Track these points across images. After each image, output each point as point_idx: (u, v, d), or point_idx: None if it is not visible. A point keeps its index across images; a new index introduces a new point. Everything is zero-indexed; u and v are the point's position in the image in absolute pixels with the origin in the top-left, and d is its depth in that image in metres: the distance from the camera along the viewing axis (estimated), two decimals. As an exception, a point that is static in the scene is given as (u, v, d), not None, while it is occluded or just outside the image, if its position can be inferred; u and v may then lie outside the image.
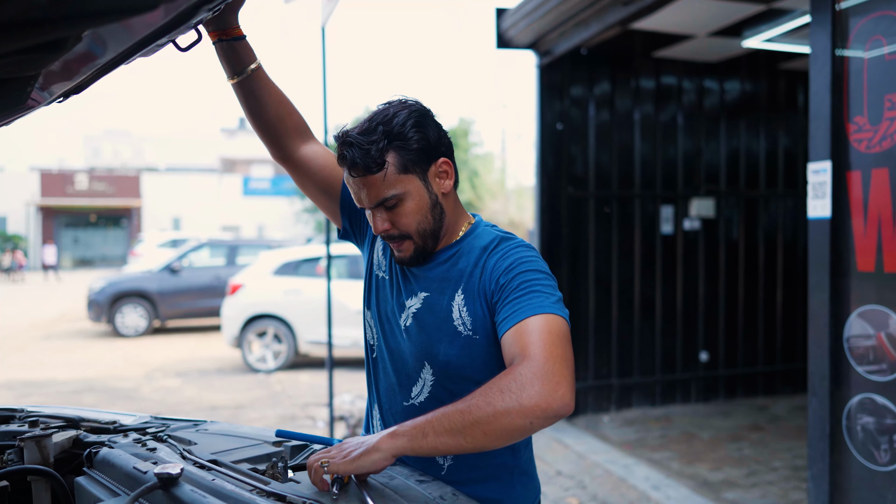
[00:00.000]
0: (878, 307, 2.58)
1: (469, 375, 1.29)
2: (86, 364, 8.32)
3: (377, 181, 1.24)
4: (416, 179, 1.27)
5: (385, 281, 1.42)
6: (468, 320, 1.28)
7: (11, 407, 1.67)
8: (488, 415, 1.05)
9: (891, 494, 2.54)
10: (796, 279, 6.06)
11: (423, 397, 1.34)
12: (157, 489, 1.11)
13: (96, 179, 30.81)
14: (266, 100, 1.43)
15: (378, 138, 1.22)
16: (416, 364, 1.34)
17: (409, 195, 1.26)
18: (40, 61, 0.97)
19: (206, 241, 12.38)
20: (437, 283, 1.33)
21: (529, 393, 1.05)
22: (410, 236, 1.29)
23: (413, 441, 1.07)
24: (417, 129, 1.26)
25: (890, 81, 2.51)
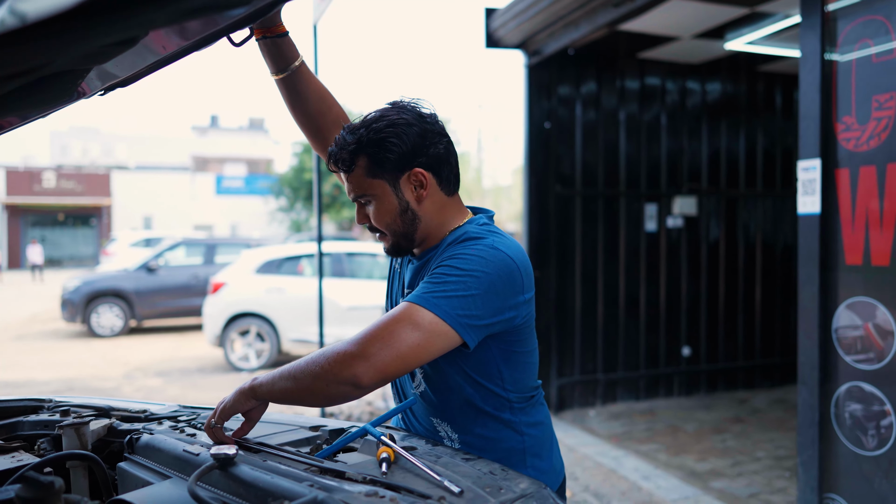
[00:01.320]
0: (866, 299, 2.69)
1: (441, 366, 1.34)
2: (64, 364, 8.18)
3: (352, 179, 1.33)
4: (386, 185, 1.32)
5: (396, 272, 1.51)
6: None
7: (39, 397, 1.67)
8: (302, 371, 1.19)
9: (878, 478, 2.66)
10: (775, 276, 6.24)
11: (422, 387, 1.41)
12: (214, 469, 1.14)
13: (64, 177, 30.19)
14: (308, 95, 1.47)
15: (354, 141, 1.30)
16: None
17: (376, 198, 1.33)
18: (111, 55, 0.99)
19: (181, 240, 12.23)
20: (415, 279, 1.40)
21: (330, 361, 1.17)
22: (385, 233, 1.37)
23: (261, 387, 1.23)
24: (396, 137, 1.29)
25: (877, 82, 2.62)
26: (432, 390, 1.39)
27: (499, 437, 1.39)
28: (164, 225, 29.89)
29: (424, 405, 1.42)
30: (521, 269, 1.30)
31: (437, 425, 1.42)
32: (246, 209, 32.02)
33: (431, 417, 1.42)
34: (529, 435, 1.42)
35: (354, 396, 1.20)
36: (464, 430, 1.39)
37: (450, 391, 1.37)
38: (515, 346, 1.36)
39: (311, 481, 1.06)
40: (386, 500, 1.00)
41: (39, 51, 0.81)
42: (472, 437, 1.39)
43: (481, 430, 1.38)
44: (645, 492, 3.82)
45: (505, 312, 1.27)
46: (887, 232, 2.60)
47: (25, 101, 1.12)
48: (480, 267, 1.24)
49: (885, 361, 2.61)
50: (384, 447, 1.20)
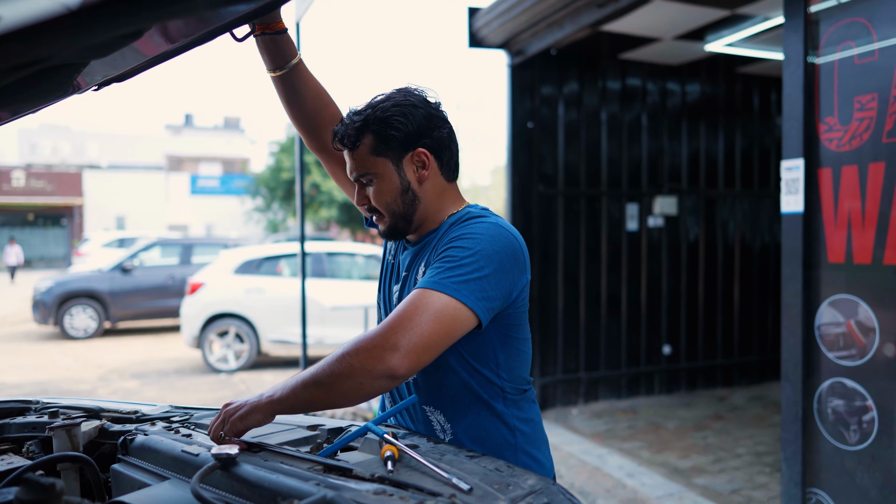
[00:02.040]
0: (848, 296, 2.74)
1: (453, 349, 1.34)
2: (36, 367, 8.00)
3: (356, 157, 1.34)
4: (389, 163, 1.34)
5: (389, 264, 1.51)
6: None
7: (25, 399, 1.63)
8: (329, 380, 1.15)
9: (860, 472, 2.71)
10: (752, 275, 6.33)
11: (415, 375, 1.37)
12: (216, 469, 1.12)
13: (34, 177, 29.56)
14: (305, 93, 1.46)
15: (360, 119, 1.32)
16: None
17: (379, 176, 1.34)
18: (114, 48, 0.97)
19: (156, 240, 12.04)
20: (414, 261, 1.40)
21: (360, 358, 1.14)
22: (383, 214, 1.37)
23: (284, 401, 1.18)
24: (402, 117, 1.32)
25: (859, 84, 2.67)
26: (425, 376, 1.38)
27: (492, 429, 1.39)
28: (138, 225, 29.45)
29: (418, 393, 1.41)
30: (524, 249, 1.33)
31: (430, 414, 1.41)
32: (221, 209, 31.68)
33: (424, 406, 1.41)
34: (521, 431, 1.43)
35: (389, 389, 1.20)
36: (456, 418, 1.39)
37: (444, 376, 1.36)
38: (512, 332, 1.37)
39: (317, 480, 1.05)
40: (395, 498, 0.99)
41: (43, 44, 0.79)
42: (464, 426, 1.38)
43: (474, 419, 1.37)
44: (629, 489, 3.85)
45: (513, 292, 1.29)
46: (869, 230, 2.65)
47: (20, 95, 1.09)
48: (490, 246, 1.25)
49: (867, 358, 2.65)
50: (388, 445, 1.18)
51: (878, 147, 2.59)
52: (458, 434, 1.39)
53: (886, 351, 2.60)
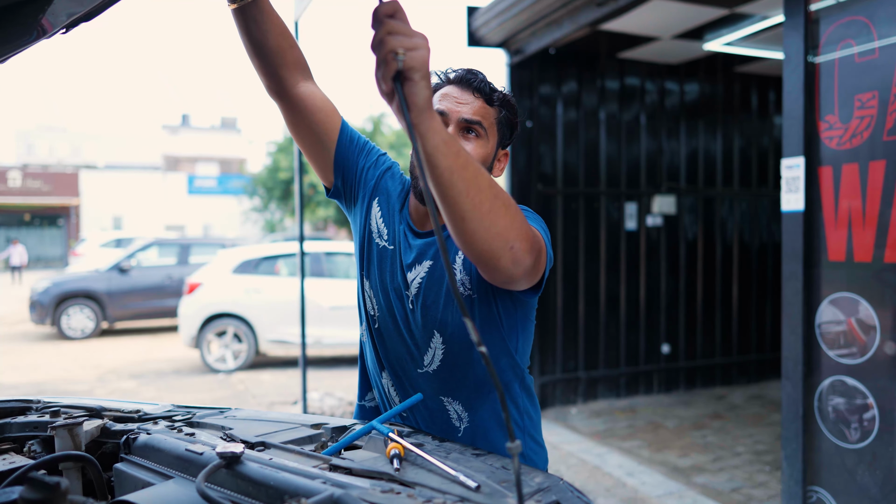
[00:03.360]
0: (849, 294, 2.74)
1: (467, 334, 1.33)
2: (33, 367, 7.98)
3: (480, 107, 1.34)
4: (494, 140, 1.37)
5: (388, 251, 1.42)
6: (466, 279, 1.32)
7: (26, 398, 1.62)
8: (496, 196, 1.01)
9: (861, 471, 2.71)
10: (751, 274, 6.34)
11: (435, 365, 1.37)
12: (221, 468, 1.11)
13: (31, 177, 29.50)
14: (266, 27, 1.32)
15: (500, 92, 1.39)
16: (426, 334, 1.36)
17: (484, 140, 1.34)
18: None
19: (154, 241, 12.01)
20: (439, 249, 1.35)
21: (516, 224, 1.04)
22: None
23: (447, 145, 0.94)
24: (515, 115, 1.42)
25: (859, 82, 2.67)
26: (450, 365, 1.36)
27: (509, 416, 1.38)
28: (135, 225, 29.38)
29: (435, 384, 1.38)
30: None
31: (448, 405, 1.39)
32: (218, 209, 31.62)
33: (441, 396, 1.39)
34: (529, 415, 1.45)
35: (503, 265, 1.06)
36: (475, 407, 1.38)
37: (472, 365, 1.35)
38: (530, 314, 1.39)
39: (324, 478, 1.04)
40: (403, 496, 0.98)
41: None
42: (483, 413, 1.38)
43: (493, 407, 1.37)
44: (630, 488, 3.84)
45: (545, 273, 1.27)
46: (869, 229, 2.65)
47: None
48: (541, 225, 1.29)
49: (868, 356, 2.65)
50: (394, 443, 1.18)
51: (879, 145, 2.59)
52: (475, 422, 1.38)
53: (887, 349, 2.60)
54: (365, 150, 1.47)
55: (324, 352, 7.72)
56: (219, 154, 39.21)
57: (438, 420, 1.41)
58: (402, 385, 1.44)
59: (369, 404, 1.57)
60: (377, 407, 1.56)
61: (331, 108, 1.41)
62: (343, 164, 1.44)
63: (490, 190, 1.00)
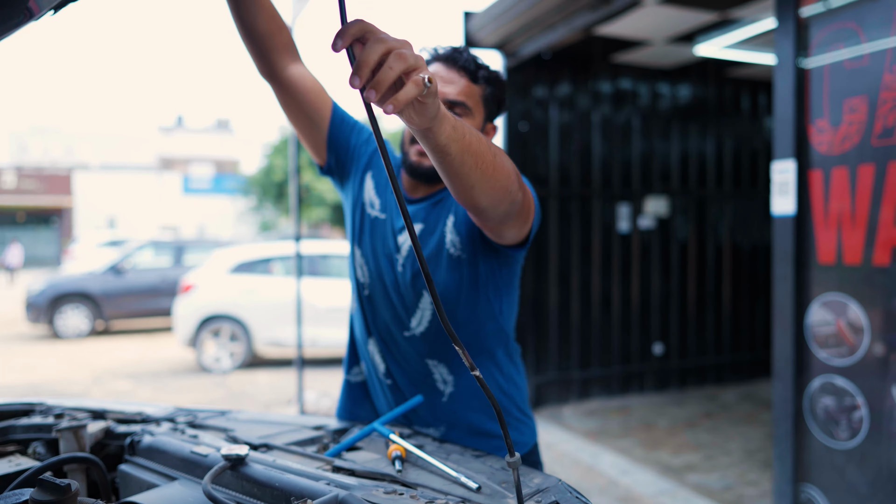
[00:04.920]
0: (838, 296, 2.78)
1: (460, 299, 1.41)
2: (27, 368, 7.97)
3: (465, 86, 1.39)
4: (480, 117, 1.43)
5: (380, 221, 1.48)
6: (456, 240, 1.40)
7: (30, 401, 1.64)
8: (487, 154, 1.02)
9: (850, 469, 2.75)
10: (742, 274, 6.39)
11: (422, 327, 1.43)
12: (226, 470, 1.14)
13: (24, 177, 29.39)
14: (257, 11, 1.35)
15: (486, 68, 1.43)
16: (415, 295, 1.42)
17: (471, 116, 1.40)
18: None
19: (149, 241, 12.00)
20: (432, 213, 1.44)
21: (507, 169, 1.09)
22: None
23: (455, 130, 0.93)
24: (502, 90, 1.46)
25: (849, 87, 2.71)
26: (437, 327, 1.41)
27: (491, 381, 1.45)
28: (129, 226, 29.30)
29: (421, 346, 1.43)
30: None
31: (433, 367, 1.44)
32: (213, 210, 31.56)
33: (427, 359, 1.44)
34: (515, 384, 1.50)
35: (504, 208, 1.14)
36: (460, 371, 1.43)
37: (455, 326, 1.40)
38: (514, 278, 1.48)
39: (328, 480, 1.07)
40: (406, 497, 1.01)
41: None
42: (468, 380, 1.43)
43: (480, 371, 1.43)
44: (623, 486, 3.89)
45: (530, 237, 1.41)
46: (859, 231, 2.69)
47: None
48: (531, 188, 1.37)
49: (857, 357, 2.70)
50: (395, 445, 1.21)
51: (868, 149, 2.64)
52: (460, 387, 1.43)
53: (876, 350, 2.65)
54: (356, 128, 1.53)
55: (319, 352, 7.74)
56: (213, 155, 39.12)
57: (423, 384, 1.46)
58: (388, 350, 1.49)
59: (354, 379, 1.61)
60: (364, 382, 1.60)
61: (321, 89, 1.46)
62: (335, 142, 1.49)
63: (489, 153, 1.02)
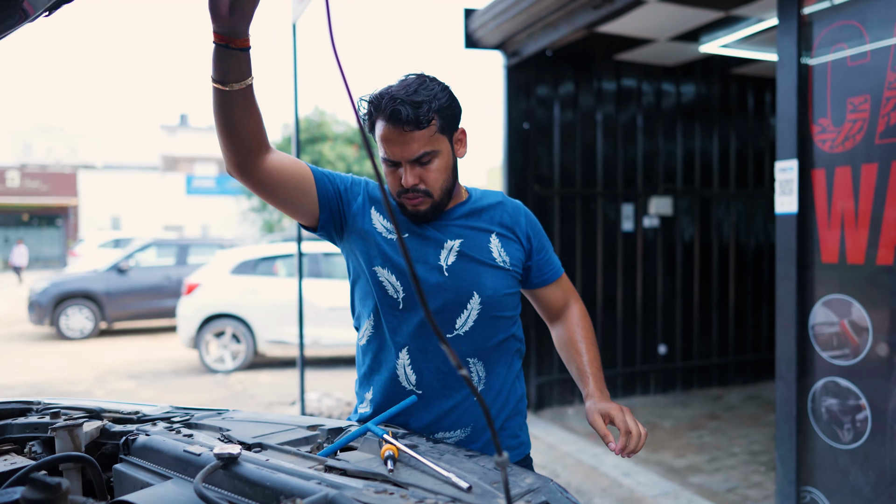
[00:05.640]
0: (842, 296, 2.76)
1: (505, 303, 1.53)
2: (31, 368, 7.99)
3: (420, 137, 1.39)
4: (447, 141, 1.45)
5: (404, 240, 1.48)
6: (507, 258, 1.53)
7: (27, 399, 1.64)
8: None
9: (853, 471, 2.73)
10: (747, 274, 6.37)
11: (468, 326, 1.49)
12: (218, 469, 1.13)
13: (29, 177, 29.48)
14: (246, 113, 1.31)
15: (427, 101, 1.39)
16: (463, 295, 1.48)
17: (440, 154, 1.43)
18: None
19: (152, 241, 12.02)
20: (468, 230, 1.52)
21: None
22: (431, 194, 1.43)
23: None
24: (450, 98, 1.44)
25: (852, 85, 2.69)
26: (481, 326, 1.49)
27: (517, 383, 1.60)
28: (133, 225, 29.37)
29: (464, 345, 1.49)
30: None
31: (472, 364, 1.51)
32: (217, 209, 31.61)
33: (468, 358, 1.50)
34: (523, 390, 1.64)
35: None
36: (494, 370, 1.54)
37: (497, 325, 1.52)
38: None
39: (319, 479, 1.06)
40: (396, 496, 1.00)
41: None
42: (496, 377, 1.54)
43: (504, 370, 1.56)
44: (626, 488, 3.87)
45: None
46: (862, 231, 2.67)
47: None
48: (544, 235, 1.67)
49: (860, 357, 2.68)
50: (388, 445, 1.20)
51: (871, 148, 2.62)
52: (490, 385, 1.53)
53: (879, 350, 2.63)
54: (338, 178, 1.53)
55: (322, 352, 7.74)
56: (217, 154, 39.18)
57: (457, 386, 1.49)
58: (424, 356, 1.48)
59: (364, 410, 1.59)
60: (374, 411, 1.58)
61: (296, 165, 1.44)
62: (326, 199, 1.48)
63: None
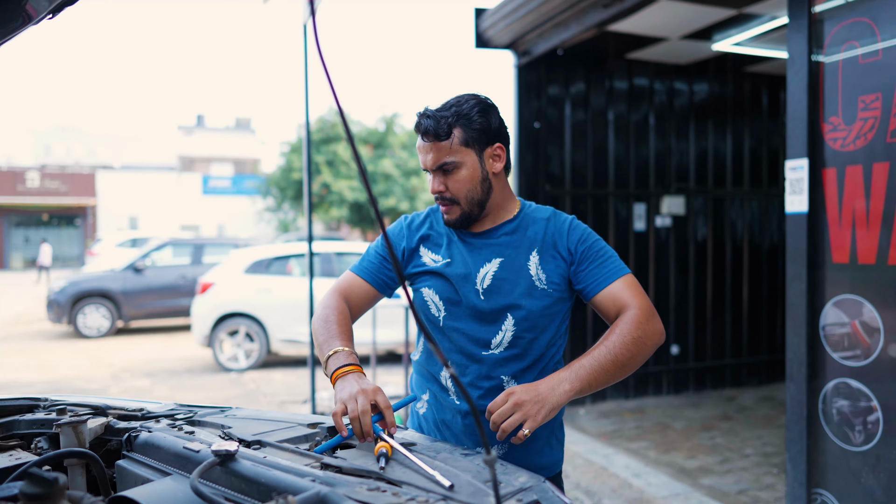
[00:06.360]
0: (853, 296, 2.73)
1: (541, 324, 1.54)
2: (49, 366, 8.11)
3: (442, 148, 1.51)
4: (473, 154, 1.53)
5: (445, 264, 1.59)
6: (543, 276, 1.54)
7: (34, 396, 1.66)
8: (629, 359, 1.41)
9: (865, 473, 2.70)
10: (761, 275, 6.30)
11: (503, 346, 1.54)
12: (215, 465, 1.15)
13: (48, 177, 29.88)
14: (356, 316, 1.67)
15: (449, 115, 1.51)
16: (498, 317, 1.54)
17: (464, 165, 1.52)
18: None
19: (168, 240, 12.14)
20: (510, 248, 1.57)
21: (650, 331, 1.45)
22: (458, 202, 1.54)
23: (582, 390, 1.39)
24: (481, 115, 1.53)
25: (863, 83, 2.66)
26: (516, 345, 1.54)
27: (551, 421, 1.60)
28: (151, 225, 29.68)
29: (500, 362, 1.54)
30: None
31: (506, 383, 1.55)
32: (233, 209, 31.86)
33: (503, 375, 1.55)
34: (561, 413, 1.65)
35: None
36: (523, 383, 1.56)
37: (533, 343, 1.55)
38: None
39: (313, 476, 1.07)
40: (388, 494, 1.01)
41: None
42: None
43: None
44: (635, 489, 3.85)
45: None
46: (873, 230, 2.64)
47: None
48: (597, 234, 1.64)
49: (872, 358, 2.65)
50: (382, 442, 1.21)
51: (883, 147, 2.58)
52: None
53: (891, 351, 2.60)
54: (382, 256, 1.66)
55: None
56: (233, 154, 39.50)
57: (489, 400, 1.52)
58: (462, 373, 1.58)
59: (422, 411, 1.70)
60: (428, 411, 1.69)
61: (365, 288, 1.66)
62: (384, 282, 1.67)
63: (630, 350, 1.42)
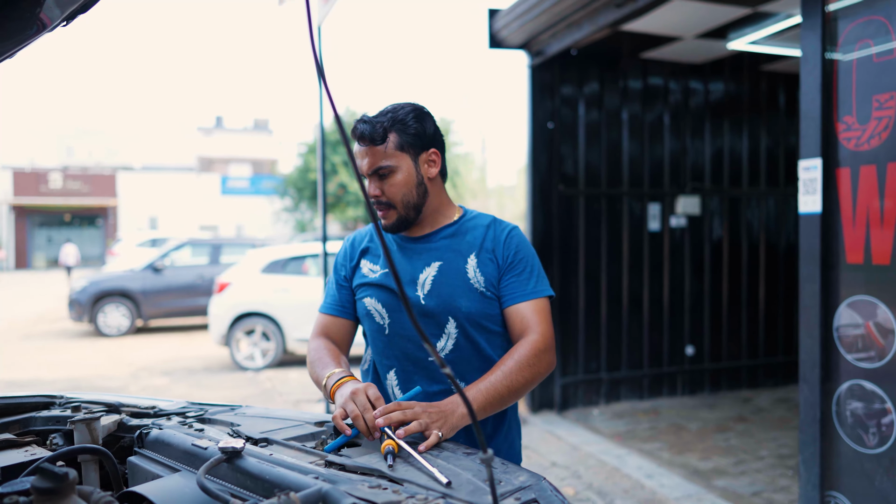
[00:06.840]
0: (867, 297, 2.71)
1: (486, 326, 1.57)
2: (69, 364, 8.24)
3: (377, 152, 1.53)
4: (408, 159, 1.56)
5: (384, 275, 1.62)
6: (482, 279, 1.56)
7: (50, 394, 1.71)
8: (522, 385, 1.47)
9: (879, 476, 2.67)
10: (778, 275, 6.25)
11: (447, 350, 1.56)
12: (222, 462, 1.17)
13: (70, 178, 30.34)
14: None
15: (385, 120, 1.54)
16: (440, 320, 1.56)
17: (399, 169, 1.55)
18: None
19: (187, 240, 12.28)
20: (448, 252, 1.59)
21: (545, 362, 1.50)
22: (394, 205, 1.56)
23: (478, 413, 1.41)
24: (416, 120, 1.57)
25: (878, 82, 2.64)
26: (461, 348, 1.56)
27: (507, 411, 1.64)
28: (170, 225, 30.00)
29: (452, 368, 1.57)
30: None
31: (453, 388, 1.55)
32: (251, 209, 32.10)
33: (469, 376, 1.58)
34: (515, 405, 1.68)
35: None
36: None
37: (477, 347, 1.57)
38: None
39: (317, 474, 1.09)
40: (388, 491, 1.03)
41: None
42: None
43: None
44: (648, 490, 3.84)
45: None
46: (888, 231, 2.61)
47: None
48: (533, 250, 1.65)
49: (886, 360, 2.62)
50: (388, 440, 1.23)
51: (897, 146, 2.56)
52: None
53: (906, 353, 2.57)
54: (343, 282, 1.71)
55: (349, 351, 7.81)
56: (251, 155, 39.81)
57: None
58: (409, 379, 1.60)
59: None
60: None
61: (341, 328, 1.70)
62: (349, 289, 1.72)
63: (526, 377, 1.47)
